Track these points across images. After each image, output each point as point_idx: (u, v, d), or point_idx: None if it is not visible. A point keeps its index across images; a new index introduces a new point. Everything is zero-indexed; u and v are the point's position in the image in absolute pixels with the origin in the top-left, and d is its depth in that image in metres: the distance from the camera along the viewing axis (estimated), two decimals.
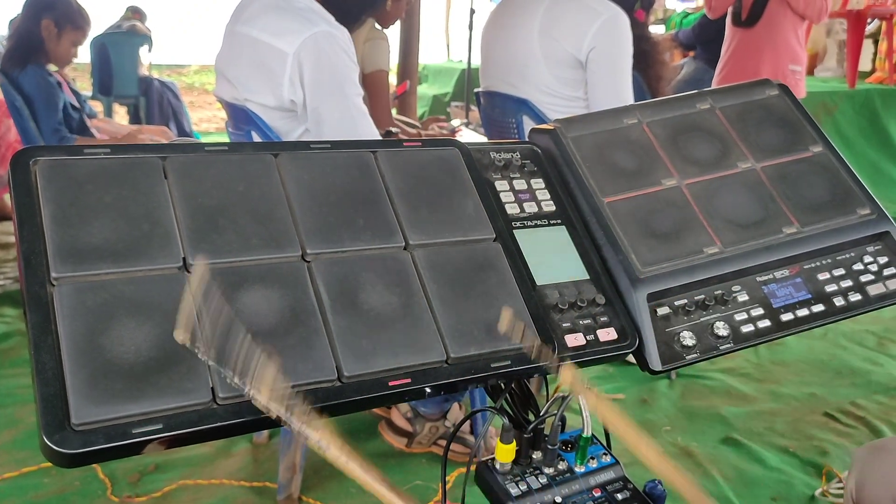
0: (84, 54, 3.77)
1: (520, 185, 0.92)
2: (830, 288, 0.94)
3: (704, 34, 4.42)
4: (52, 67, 3.11)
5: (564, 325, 0.82)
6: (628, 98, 2.18)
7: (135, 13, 5.90)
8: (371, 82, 2.38)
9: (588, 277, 0.86)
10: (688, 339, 0.86)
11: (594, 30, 2.11)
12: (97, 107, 4.85)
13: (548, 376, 0.90)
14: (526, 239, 0.87)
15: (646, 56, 2.42)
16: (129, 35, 5.58)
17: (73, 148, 0.73)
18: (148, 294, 0.66)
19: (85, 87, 5.80)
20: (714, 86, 3.75)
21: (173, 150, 0.77)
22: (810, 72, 6.62)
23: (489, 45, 2.42)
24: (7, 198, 3.80)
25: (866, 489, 1.08)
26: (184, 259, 0.70)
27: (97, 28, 5.30)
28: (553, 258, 0.87)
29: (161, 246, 0.70)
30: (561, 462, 0.83)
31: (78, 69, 7.31)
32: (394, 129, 2.41)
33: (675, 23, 6.17)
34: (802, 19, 3.56)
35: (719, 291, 0.90)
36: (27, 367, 2.73)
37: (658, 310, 0.87)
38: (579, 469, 0.84)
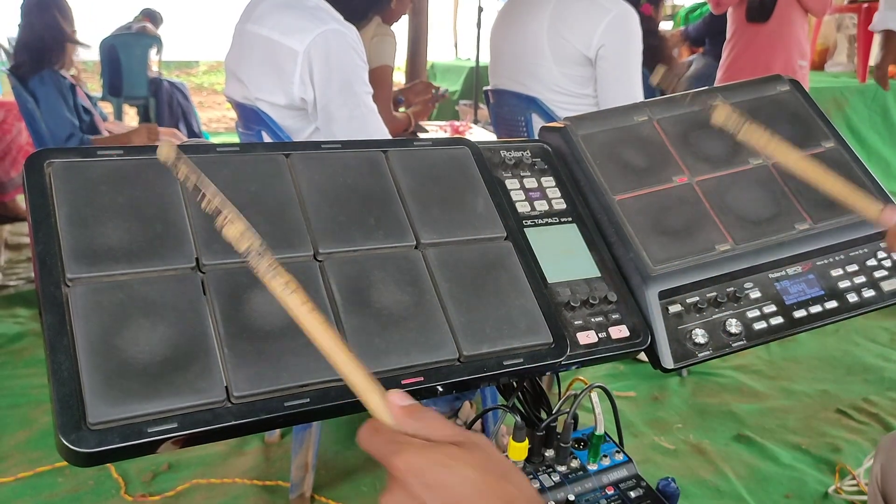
0: (93, 55, 3.78)
1: (530, 183, 0.92)
2: (843, 284, 0.94)
3: (716, 25, 4.39)
4: (65, 72, 3.13)
5: (576, 322, 0.82)
6: (638, 95, 2.18)
7: (146, 17, 5.91)
8: (374, 77, 2.41)
9: (599, 275, 0.86)
10: (700, 336, 0.85)
11: (603, 27, 2.11)
12: (107, 108, 4.87)
13: (559, 374, 0.90)
14: (537, 237, 0.87)
15: (654, 52, 2.41)
16: (138, 36, 5.60)
17: (86, 150, 0.74)
18: (162, 294, 0.67)
19: (94, 88, 5.83)
20: (719, 82, 3.73)
21: (186, 150, 0.77)
22: (821, 67, 6.58)
23: (498, 43, 2.42)
24: (18, 199, 3.82)
25: (891, 476, 1.08)
26: (197, 259, 0.70)
27: (107, 30, 5.33)
28: (564, 256, 0.87)
29: (174, 246, 0.70)
30: (573, 460, 0.83)
31: (87, 70, 7.35)
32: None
33: (681, 18, 6.14)
34: (807, 13, 3.55)
35: (731, 288, 0.90)
36: (40, 367, 2.76)
37: (670, 307, 0.87)
38: (592, 467, 0.84)
